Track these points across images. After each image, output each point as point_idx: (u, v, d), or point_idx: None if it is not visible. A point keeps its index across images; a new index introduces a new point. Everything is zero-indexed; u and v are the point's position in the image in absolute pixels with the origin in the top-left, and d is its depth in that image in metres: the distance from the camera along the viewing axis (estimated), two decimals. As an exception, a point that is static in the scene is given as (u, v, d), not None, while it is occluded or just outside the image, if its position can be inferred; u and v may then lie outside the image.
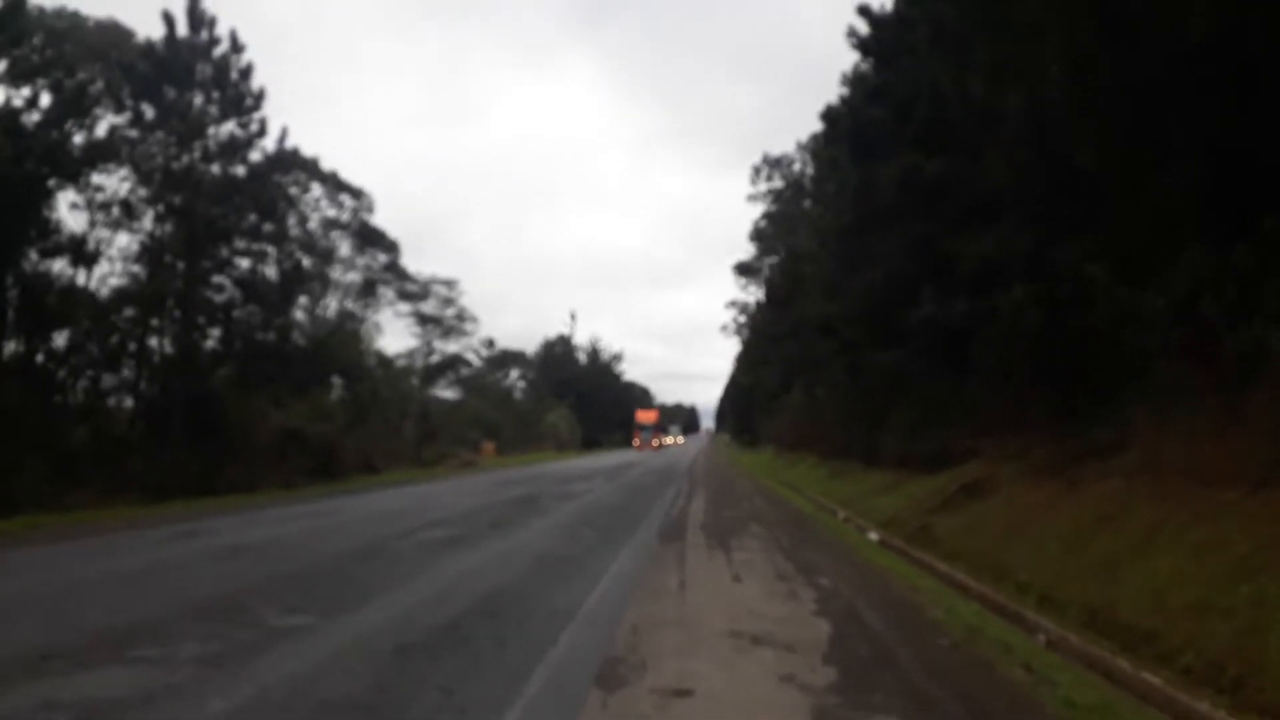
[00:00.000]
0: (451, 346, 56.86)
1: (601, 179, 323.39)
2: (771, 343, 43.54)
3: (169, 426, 23.78)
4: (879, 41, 18.89)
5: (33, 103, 22.39)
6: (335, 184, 39.96)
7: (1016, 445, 13.11)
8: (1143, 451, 9.32)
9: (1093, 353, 11.75)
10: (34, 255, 22.88)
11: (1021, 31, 11.00)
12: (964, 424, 16.18)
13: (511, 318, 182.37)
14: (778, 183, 45.33)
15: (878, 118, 18.43)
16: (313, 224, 38.87)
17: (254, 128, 26.04)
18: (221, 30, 25.41)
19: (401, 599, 7.67)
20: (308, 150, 38.29)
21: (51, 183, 22.87)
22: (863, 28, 19.07)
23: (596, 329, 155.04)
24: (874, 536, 13.11)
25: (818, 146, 33.55)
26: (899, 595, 8.33)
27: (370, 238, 43.11)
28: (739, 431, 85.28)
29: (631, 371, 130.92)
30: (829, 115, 22.30)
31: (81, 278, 24.23)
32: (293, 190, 34.73)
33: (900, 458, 18.41)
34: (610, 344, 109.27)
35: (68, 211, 24.00)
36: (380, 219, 43.96)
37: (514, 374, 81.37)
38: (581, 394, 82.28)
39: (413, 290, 50.11)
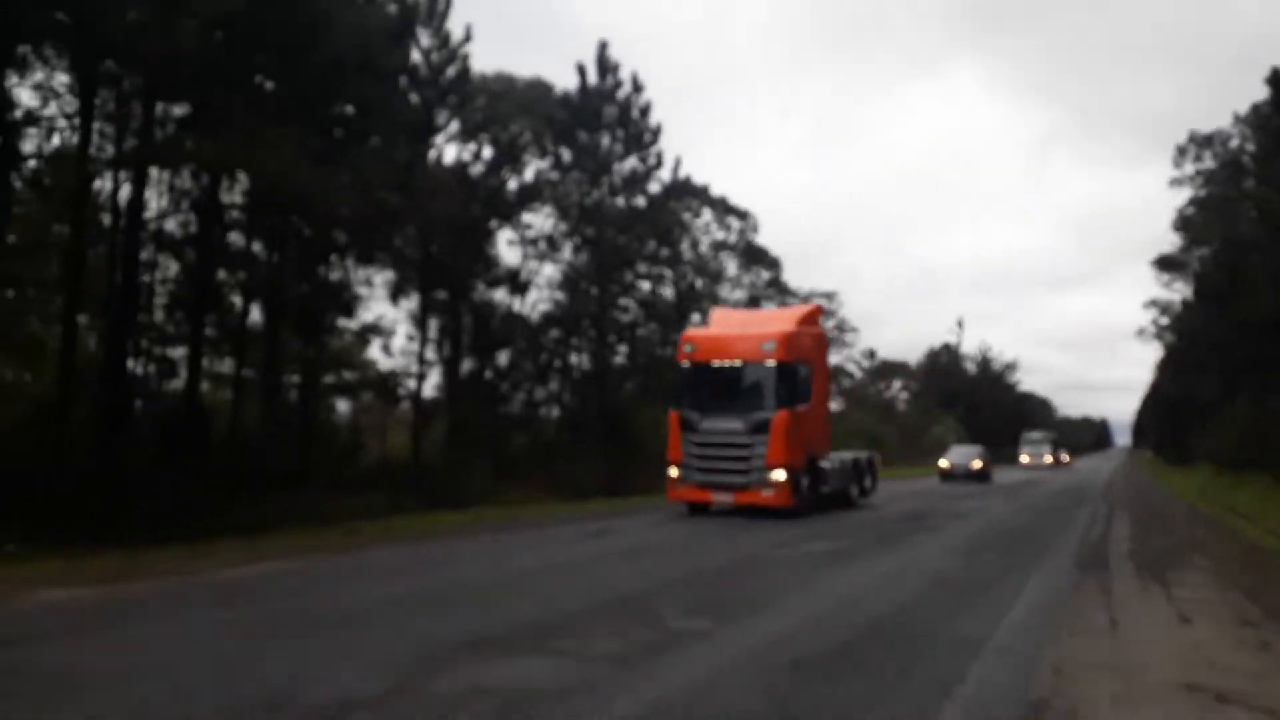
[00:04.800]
0: (832, 358, 56.81)
1: (992, 185, 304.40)
2: (1206, 346, 37.47)
3: (586, 434, 26.92)
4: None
5: (477, 156, 27.08)
6: (724, 208, 41.90)
7: None
8: None
9: None
10: (480, 286, 27.65)
11: None
12: None
13: (892, 329, 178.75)
14: (1208, 163, 38.53)
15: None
16: (703, 246, 41.07)
17: (652, 161, 28.76)
18: (624, 74, 28.34)
19: (792, 611, 7.65)
20: (698, 178, 40.82)
21: (492, 223, 27.49)
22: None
23: (986, 337, 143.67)
24: (1366, 583, 10.55)
25: (1261, 119, 28.06)
26: None
27: (755, 256, 44.57)
28: (1162, 447, 74.67)
29: (1029, 381, 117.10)
30: (1277, 79, 18.64)
31: (516, 304, 28.85)
32: (685, 216, 37.13)
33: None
34: (1002, 352, 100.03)
35: (505, 247, 28.84)
36: (764, 239, 45.33)
37: (896, 385, 79.08)
38: (971, 405, 77.50)
39: (793, 304, 50.96)
